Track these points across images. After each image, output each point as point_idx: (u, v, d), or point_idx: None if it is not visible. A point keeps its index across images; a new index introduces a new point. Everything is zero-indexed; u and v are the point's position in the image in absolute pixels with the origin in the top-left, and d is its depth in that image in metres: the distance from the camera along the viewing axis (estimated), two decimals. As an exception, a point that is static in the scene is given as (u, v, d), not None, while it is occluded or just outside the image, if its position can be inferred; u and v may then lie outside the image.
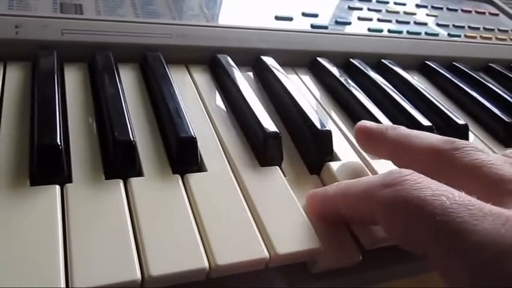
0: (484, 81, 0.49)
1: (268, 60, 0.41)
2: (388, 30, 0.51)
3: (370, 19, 0.52)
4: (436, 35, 0.53)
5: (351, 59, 0.46)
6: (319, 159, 0.31)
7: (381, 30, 0.51)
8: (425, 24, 0.55)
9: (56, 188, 0.24)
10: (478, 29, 0.59)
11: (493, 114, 0.42)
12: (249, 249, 0.23)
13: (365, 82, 0.43)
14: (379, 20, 0.53)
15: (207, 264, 0.22)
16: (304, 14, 0.48)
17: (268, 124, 0.31)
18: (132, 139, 0.27)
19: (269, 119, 0.31)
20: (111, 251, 0.21)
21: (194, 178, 0.27)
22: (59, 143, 0.25)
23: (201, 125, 0.32)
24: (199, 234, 0.23)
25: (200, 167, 0.28)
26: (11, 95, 0.31)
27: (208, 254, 0.22)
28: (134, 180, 0.26)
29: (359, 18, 0.52)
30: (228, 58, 0.40)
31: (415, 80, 0.45)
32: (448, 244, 0.19)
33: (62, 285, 0.19)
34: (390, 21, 0.53)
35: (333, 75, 0.42)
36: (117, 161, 0.26)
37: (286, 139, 0.33)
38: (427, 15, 0.58)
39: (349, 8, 0.54)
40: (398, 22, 0.54)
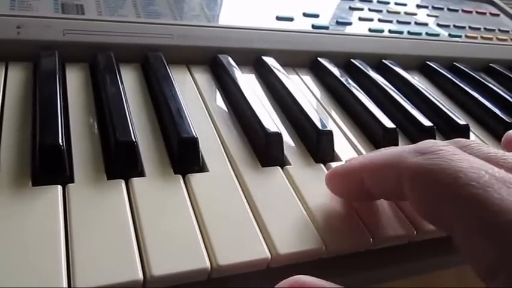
0: (484, 81, 0.49)
1: (269, 61, 0.41)
2: (389, 31, 0.51)
3: (371, 19, 0.52)
4: (437, 35, 0.53)
5: (351, 59, 0.46)
6: (320, 159, 0.31)
7: (382, 31, 0.51)
8: (426, 24, 0.55)
9: (57, 188, 0.24)
10: (478, 29, 0.58)
11: (494, 114, 0.42)
12: (250, 249, 0.23)
13: (366, 82, 0.43)
14: (379, 20, 0.53)
15: (208, 265, 0.22)
16: (305, 14, 0.48)
17: (270, 124, 0.31)
18: (133, 139, 0.27)
19: (270, 119, 0.31)
20: (113, 251, 0.21)
21: (196, 178, 0.27)
22: (61, 143, 0.25)
23: (202, 125, 0.32)
24: (201, 234, 0.23)
25: (202, 167, 0.28)
26: (12, 95, 0.31)
27: (210, 254, 0.22)
28: (136, 181, 0.26)
29: (360, 19, 0.52)
30: (229, 58, 0.40)
31: (415, 80, 0.45)
32: (479, 220, 0.18)
33: (64, 285, 0.19)
34: (391, 22, 0.53)
35: (333, 75, 0.42)
36: (119, 161, 0.26)
37: (286, 139, 0.33)
38: (428, 15, 0.58)
39: (350, 8, 0.54)
40: (399, 22, 0.54)
